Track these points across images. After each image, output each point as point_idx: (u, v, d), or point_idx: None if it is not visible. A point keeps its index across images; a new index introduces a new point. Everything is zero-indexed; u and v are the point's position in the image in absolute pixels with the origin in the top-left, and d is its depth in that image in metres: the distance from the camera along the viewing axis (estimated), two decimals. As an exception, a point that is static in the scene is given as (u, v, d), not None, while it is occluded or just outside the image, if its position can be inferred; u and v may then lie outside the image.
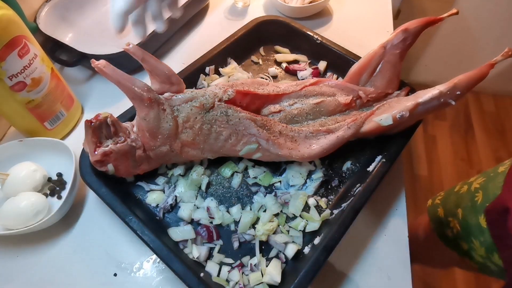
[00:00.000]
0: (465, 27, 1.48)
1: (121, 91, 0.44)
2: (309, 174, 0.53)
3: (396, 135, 0.52)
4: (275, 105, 0.52)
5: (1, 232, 0.44)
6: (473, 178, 0.68)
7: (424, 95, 0.49)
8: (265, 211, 0.49)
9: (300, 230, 0.48)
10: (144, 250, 0.48)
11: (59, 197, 0.51)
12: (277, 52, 0.68)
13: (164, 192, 0.51)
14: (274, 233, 0.47)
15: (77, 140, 0.42)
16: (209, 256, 0.46)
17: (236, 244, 0.47)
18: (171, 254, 0.41)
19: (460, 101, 0.49)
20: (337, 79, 0.64)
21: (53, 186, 0.51)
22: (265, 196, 0.50)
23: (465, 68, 0.50)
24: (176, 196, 0.50)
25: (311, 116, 0.52)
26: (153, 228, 0.43)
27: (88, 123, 0.43)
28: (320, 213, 0.49)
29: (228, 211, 0.49)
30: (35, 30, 0.62)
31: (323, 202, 0.50)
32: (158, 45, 0.70)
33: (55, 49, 0.62)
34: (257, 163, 0.53)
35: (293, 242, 0.46)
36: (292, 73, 0.65)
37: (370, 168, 0.50)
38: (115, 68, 0.42)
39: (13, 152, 0.52)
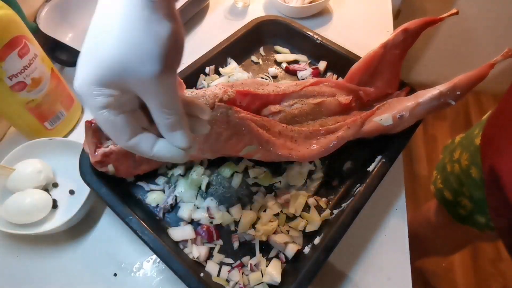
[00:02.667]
0: (465, 27, 1.48)
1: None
2: (309, 174, 0.53)
3: (396, 135, 0.52)
4: (275, 105, 0.52)
5: (9, 230, 0.45)
6: (456, 155, 0.70)
7: (424, 95, 0.49)
8: (265, 211, 0.49)
9: (300, 230, 0.48)
10: (144, 250, 0.48)
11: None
12: (277, 52, 0.68)
13: (164, 192, 0.51)
14: (274, 233, 0.47)
15: (77, 140, 0.42)
16: (209, 256, 0.46)
17: (236, 244, 0.47)
18: (171, 254, 0.41)
19: (460, 101, 0.49)
20: (337, 79, 0.64)
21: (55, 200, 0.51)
22: (265, 196, 0.50)
23: (465, 68, 0.50)
24: (176, 196, 0.50)
25: (311, 116, 0.52)
26: (153, 228, 0.43)
27: (89, 124, 0.43)
28: (320, 213, 0.49)
29: (228, 211, 0.49)
30: (35, 30, 0.61)
31: (323, 202, 0.50)
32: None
33: (55, 49, 0.62)
34: (257, 163, 0.53)
35: (293, 242, 0.46)
36: (292, 73, 0.65)
37: (370, 168, 0.50)
38: None
39: (28, 149, 0.51)
